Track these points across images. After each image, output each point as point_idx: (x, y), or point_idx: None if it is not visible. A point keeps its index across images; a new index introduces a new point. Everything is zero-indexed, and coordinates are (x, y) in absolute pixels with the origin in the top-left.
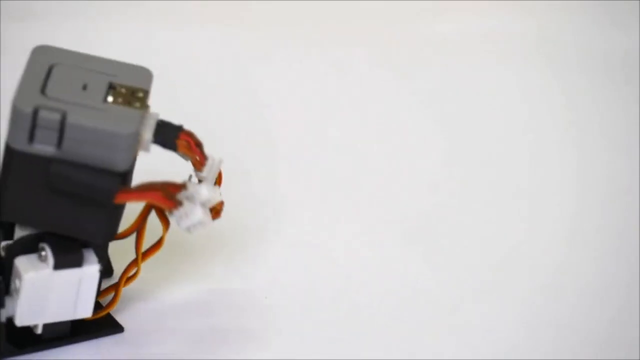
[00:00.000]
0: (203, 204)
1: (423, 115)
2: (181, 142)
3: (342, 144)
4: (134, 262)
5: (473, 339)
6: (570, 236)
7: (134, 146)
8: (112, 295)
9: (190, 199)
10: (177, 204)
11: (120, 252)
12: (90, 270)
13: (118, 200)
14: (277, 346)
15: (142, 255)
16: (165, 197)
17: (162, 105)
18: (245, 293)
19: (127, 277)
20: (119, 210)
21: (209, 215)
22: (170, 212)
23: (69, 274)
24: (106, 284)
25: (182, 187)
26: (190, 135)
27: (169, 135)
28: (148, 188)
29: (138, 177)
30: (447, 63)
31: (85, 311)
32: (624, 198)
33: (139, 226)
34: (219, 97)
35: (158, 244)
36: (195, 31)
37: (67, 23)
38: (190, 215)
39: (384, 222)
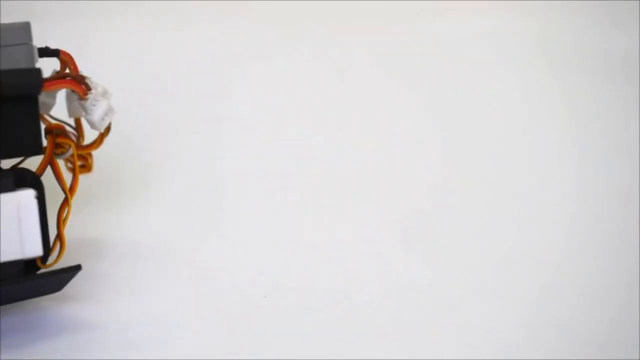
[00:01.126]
0: (105, 95)
1: (423, 115)
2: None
3: (342, 143)
4: (65, 201)
5: (473, 339)
6: (570, 236)
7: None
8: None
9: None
10: (88, 88)
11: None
12: (25, 194)
13: (45, 89)
14: (277, 346)
15: (68, 189)
16: (79, 82)
17: (161, 104)
18: (246, 292)
19: (62, 219)
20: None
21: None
22: (84, 98)
23: (5, 201)
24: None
25: (85, 77)
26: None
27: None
28: (63, 76)
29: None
30: (447, 63)
31: (34, 248)
32: (624, 198)
33: (50, 159)
34: (218, 96)
35: (75, 174)
36: (196, 31)
37: (67, 23)
38: (101, 101)
39: (383, 222)
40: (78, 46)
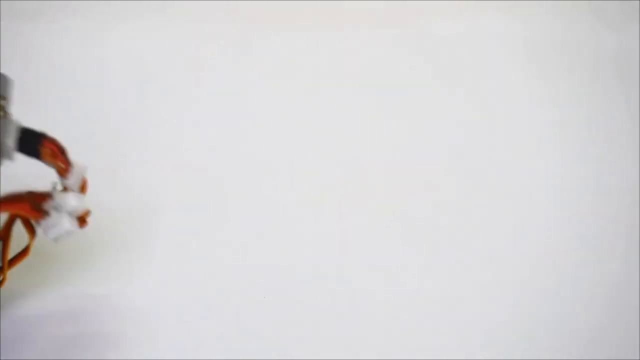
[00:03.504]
0: (70, 214)
1: (421, 115)
2: (45, 150)
3: (342, 144)
4: (0, 271)
5: (473, 339)
6: (569, 236)
7: None
8: None
9: (58, 208)
10: (44, 214)
11: None
12: None
13: None
14: (278, 346)
15: (8, 263)
16: (33, 207)
17: (159, 103)
18: (245, 292)
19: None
20: None
21: (75, 224)
22: (38, 222)
23: None
24: None
25: (48, 196)
26: (53, 142)
27: (32, 143)
28: (14, 199)
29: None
30: (445, 63)
31: None
32: (615, 196)
33: (4, 235)
34: (216, 96)
35: (24, 252)
36: (195, 31)
37: (67, 23)
38: (58, 225)
39: (383, 222)
40: (78, 46)
